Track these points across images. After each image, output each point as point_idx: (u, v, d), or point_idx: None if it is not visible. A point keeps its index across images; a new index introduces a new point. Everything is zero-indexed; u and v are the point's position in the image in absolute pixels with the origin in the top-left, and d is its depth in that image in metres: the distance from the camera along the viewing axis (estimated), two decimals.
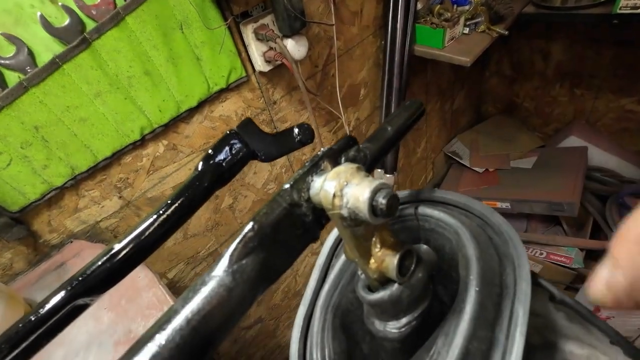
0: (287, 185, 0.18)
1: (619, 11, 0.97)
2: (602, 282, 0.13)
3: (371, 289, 0.21)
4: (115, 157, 0.68)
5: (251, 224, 0.17)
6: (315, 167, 0.19)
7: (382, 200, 0.16)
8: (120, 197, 0.72)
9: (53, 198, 0.64)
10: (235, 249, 0.16)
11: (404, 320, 0.21)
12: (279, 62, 0.79)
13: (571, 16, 1.12)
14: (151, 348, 0.13)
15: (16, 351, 0.22)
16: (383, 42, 1.11)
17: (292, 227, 0.18)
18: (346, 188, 0.17)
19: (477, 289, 0.20)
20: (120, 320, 0.52)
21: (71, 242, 0.68)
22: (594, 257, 1.30)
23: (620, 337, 0.22)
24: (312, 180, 0.19)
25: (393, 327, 0.21)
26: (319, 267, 0.27)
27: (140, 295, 0.55)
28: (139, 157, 0.71)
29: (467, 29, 1.07)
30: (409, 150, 1.55)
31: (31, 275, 0.63)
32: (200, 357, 0.14)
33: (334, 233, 0.29)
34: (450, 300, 0.26)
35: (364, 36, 1.05)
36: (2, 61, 0.51)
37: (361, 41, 1.05)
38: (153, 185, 0.76)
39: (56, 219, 0.65)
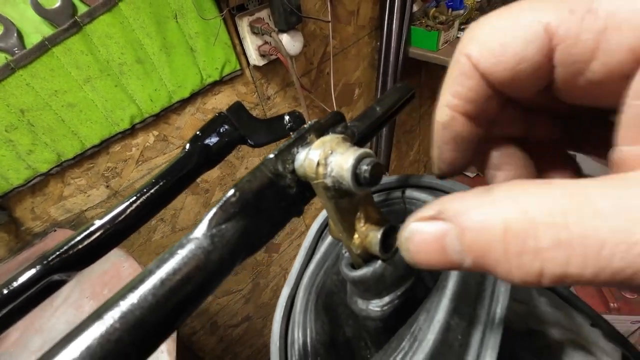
0: (271, 155, 0.18)
1: None
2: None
3: (354, 267, 0.21)
4: (104, 146, 0.67)
5: (233, 190, 0.16)
6: (301, 140, 0.19)
7: (365, 168, 0.16)
8: (107, 186, 0.70)
9: (37, 185, 0.62)
10: (215, 214, 0.16)
11: (386, 299, 0.21)
12: (273, 57, 0.79)
13: None
14: (122, 306, 0.13)
15: None
16: (378, 43, 1.11)
17: (275, 198, 0.18)
18: (331, 157, 0.17)
19: None
20: None
21: (55, 230, 0.66)
22: None
23: (600, 318, 0.22)
24: (297, 152, 0.19)
25: (376, 306, 0.21)
26: (305, 249, 0.27)
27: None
28: (128, 146, 0.70)
29: (462, 32, 1.08)
30: (401, 152, 1.56)
31: (11, 264, 0.62)
32: (172, 320, 0.14)
33: (322, 215, 0.29)
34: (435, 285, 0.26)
35: (360, 36, 1.06)
36: None
37: (357, 41, 1.06)
38: (142, 175, 0.75)
39: (40, 206, 0.64)
